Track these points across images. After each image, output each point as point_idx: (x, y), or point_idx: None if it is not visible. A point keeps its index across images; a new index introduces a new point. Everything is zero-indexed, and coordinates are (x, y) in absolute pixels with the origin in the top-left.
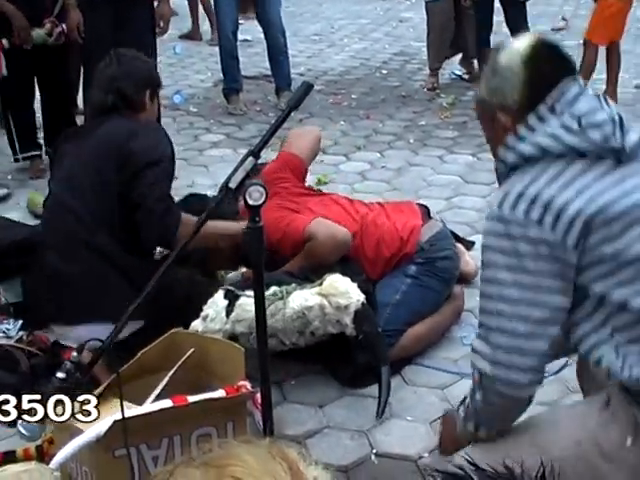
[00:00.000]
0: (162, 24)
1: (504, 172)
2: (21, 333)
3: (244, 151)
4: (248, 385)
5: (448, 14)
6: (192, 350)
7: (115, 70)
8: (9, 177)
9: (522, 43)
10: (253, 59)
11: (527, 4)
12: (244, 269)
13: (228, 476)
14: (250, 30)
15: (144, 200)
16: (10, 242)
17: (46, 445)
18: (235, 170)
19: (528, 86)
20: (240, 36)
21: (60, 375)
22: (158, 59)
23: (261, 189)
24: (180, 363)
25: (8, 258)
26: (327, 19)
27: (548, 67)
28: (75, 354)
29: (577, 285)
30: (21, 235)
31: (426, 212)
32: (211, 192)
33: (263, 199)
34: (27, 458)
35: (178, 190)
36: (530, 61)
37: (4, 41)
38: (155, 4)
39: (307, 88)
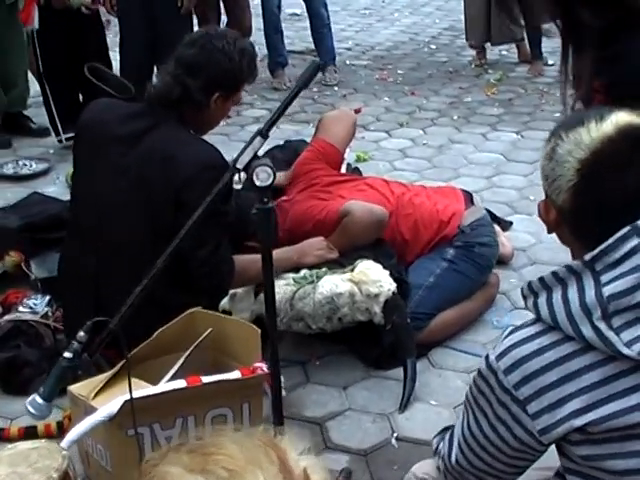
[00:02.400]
0: (185, 2)
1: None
2: (47, 309)
3: (286, 127)
4: (264, 366)
5: None
6: (210, 330)
7: (194, 56)
8: (51, 151)
9: (598, 132)
10: (300, 33)
11: None
12: None
13: (212, 464)
14: (299, 3)
15: (196, 251)
16: (44, 217)
17: (66, 421)
18: (243, 150)
19: (575, 202)
20: (289, 9)
21: (67, 355)
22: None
23: (268, 170)
24: (197, 343)
25: (41, 232)
26: None
27: (609, 191)
28: (82, 334)
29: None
30: (55, 210)
31: (469, 198)
32: None
33: (270, 180)
34: (48, 434)
35: None
36: (591, 169)
37: None
38: None
39: (315, 67)
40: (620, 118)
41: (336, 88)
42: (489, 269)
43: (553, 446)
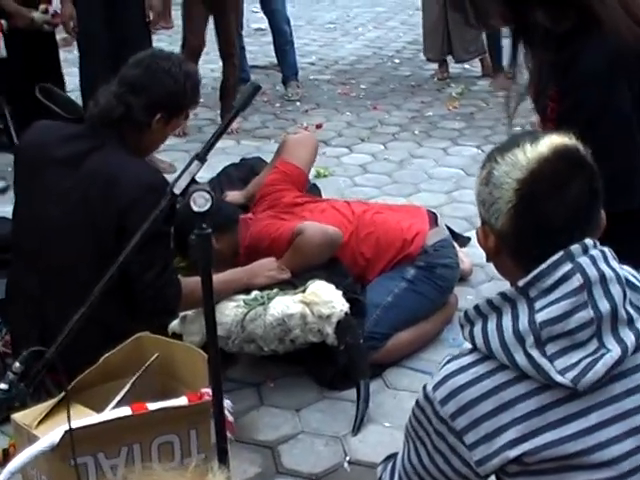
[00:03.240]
0: (152, 16)
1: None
2: None
3: (248, 143)
4: (210, 392)
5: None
6: (156, 355)
7: (138, 76)
8: (9, 169)
9: (534, 153)
10: (265, 48)
11: None
12: None
13: None
14: (264, 18)
15: (142, 275)
16: None
17: (12, 449)
18: (180, 175)
19: (515, 224)
20: (254, 24)
21: (3, 386)
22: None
23: (206, 195)
24: (144, 368)
25: None
26: (343, 7)
27: (548, 211)
28: (18, 365)
29: None
30: (4, 231)
31: (434, 219)
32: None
33: (208, 205)
34: None
35: None
36: (529, 189)
37: (3, 22)
38: None
39: (254, 89)
40: (554, 139)
41: (298, 103)
42: (449, 290)
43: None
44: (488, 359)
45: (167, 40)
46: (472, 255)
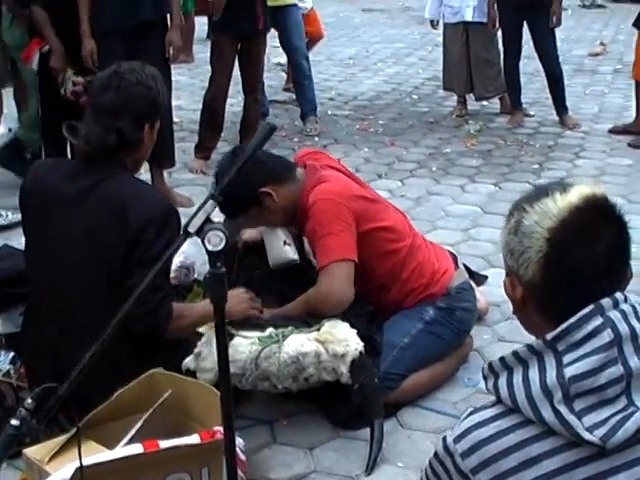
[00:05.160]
0: (172, 51)
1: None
2: (9, 367)
3: None
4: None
5: (464, 44)
6: (169, 392)
7: (114, 99)
8: None
9: (564, 202)
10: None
11: (564, 29)
12: None
13: None
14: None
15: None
16: (12, 272)
17: None
18: (195, 213)
19: (546, 273)
20: (274, 59)
21: (14, 422)
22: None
23: (220, 234)
24: (156, 405)
25: (8, 287)
26: (363, 43)
27: (579, 261)
28: (30, 401)
29: None
30: (22, 264)
31: (455, 260)
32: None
33: (223, 244)
34: None
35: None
36: (561, 238)
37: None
38: None
39: (269, 130)
40: (583, 189)
41: (317, 139)
42: (466, 333)
43: None
44: (512, 413)
45: (188, 74)
46: (488, 294)
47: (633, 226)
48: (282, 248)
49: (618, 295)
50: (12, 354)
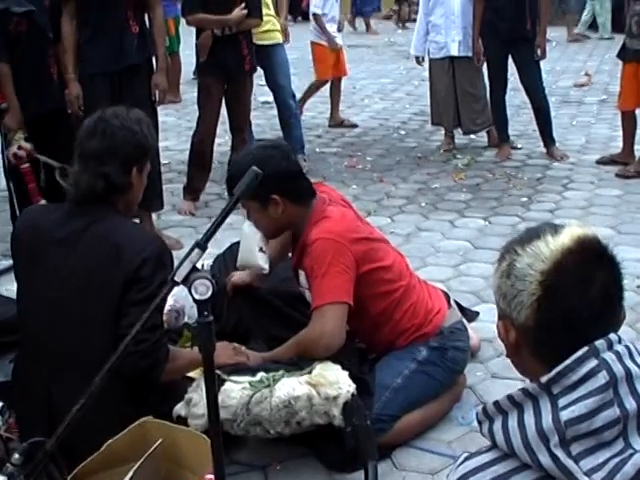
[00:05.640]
0: (158, 95)
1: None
2: None
3: None
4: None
5: (450, 79)
6: (160, 440)
7: (99, 145)
8: None
9: (557, 244)
10: (272, 121)
11: (549, 60)
12: None
13: None
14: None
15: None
16: (1, 320)
17: None
18: (181, 262)
19: (540, 317)
20: (261, 97)
21: (1, 479)
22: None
23: (207, 282)
24: (147, 454)
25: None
26: (349, 79)
27: (573, 304)
28: (17, 456)
29: None
30: (13, 312)
31: (447, 299)
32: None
33: (210, 293)
34: None
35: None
36: (554, 280)
37: None
38: None
39: (254, 176)
40: (575, 230)
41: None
42: (459, 373)
43: None
44: (508, 457)
45: (175, 115)
46: (480, 330)
47: (623, 257)
48: (256, 253)
49: (612, 336)
50: (0, 404)
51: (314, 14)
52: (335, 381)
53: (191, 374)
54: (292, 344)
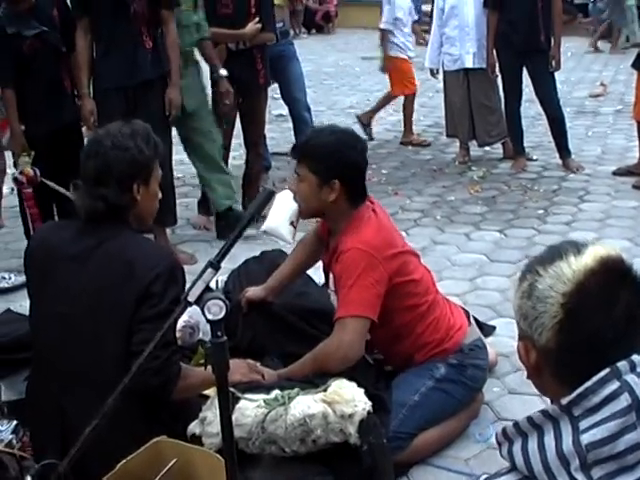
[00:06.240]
0: (172, 110)
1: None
2: (11, 436)
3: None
4: None
5: (465, 91)
6: (174, 460)
7: (95, 168)
8: None
9: (579, 265)
10: (286, 134)
11: (563, 71)
12: None
13: None
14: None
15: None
16: (12, 338)
17: None
18: (194, 282)
19: (562, 339)
20: (275, 111)
21: None
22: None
23: (220, 303)
24: (162, 474)
25: (9, 353)
26: (363, 91)
27: (596, 326)
28: (29, 478)
29: None
30: (25, 329)
31: (467, 316)
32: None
33: (223, 313)
34: None
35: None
36: (577, 303)
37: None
38: None
39: (268, 195)
40: (598, 250)
41: None
42: (478, 390)
43: None
44: None
45: None
46: (497, 344)
47: None
48: (285, 224)
49: (635, 357)
50: (14, 423)
51: (383, 30)
52: (351, 399)
53: (205, 392)
54: (309, 357)
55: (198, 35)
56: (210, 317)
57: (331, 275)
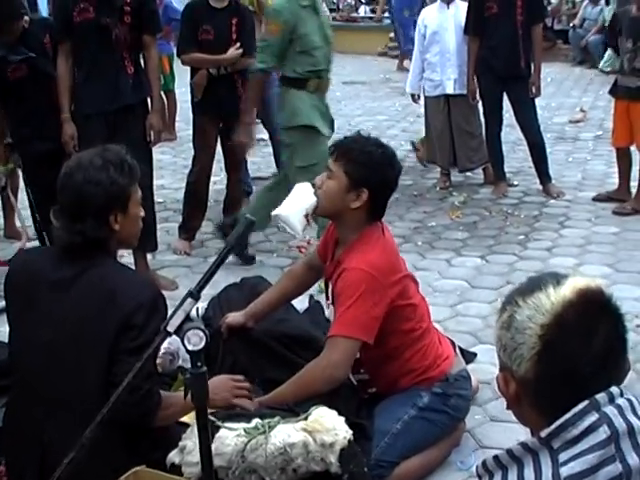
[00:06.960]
0: (153, 136)
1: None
2: None
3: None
4: None
5: (446, 116)
6: None
7: (68, 202)
8: None
9: (558, 297)
10: (267, 159)
11: (544, 96)
12: None
13: None
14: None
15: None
16: None
17: None
18: (174, 312)
19: (539, 371)
20: (257, 135)
21: None
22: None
23: (200, 333)
24: None
25: None
26: (345, 116)
27: (574, 358)
28: None
29: None
30: (3, 356)
31: (453, 345)
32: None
33: (203, 343)
34: None
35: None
36: (554, 335)
37: None
38: None
39: (248, 225)
40: (577, 282)
41: None
42: (460, 420)
43: None
44: None
45: (171, 152)
46: (478, 372)
47: (621, 296)
48: (299, 215)
49: (614, 389)
50: None
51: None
52: (331, 427)
53: (185, 419)
54: (294, 379)
55: None
56: (190, 347)
57: (330, 286)
